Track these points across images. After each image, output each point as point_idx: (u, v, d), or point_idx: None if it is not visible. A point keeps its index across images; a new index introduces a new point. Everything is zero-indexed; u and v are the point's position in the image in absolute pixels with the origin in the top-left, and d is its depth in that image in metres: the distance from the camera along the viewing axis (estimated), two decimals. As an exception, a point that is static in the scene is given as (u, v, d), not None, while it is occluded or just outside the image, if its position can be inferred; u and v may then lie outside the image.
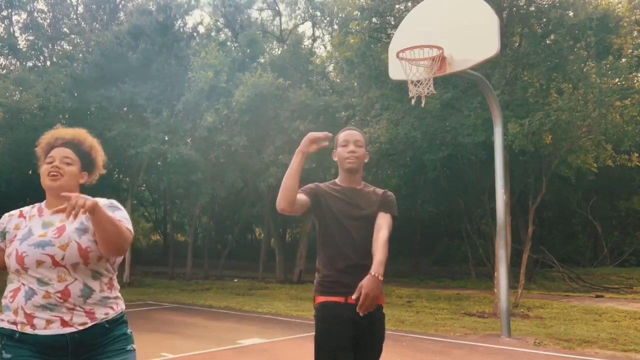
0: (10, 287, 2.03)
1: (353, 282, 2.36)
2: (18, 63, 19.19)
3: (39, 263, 1.96)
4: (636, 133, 10.86)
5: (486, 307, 10.69)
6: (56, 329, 1.93)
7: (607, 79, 10.22)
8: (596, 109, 9.88)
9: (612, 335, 7.75)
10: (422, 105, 7.50)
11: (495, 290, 9.17)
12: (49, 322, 1.93)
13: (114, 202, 2.22)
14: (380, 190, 2.74)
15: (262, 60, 17.73)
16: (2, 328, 1.98)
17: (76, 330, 1.95)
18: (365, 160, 2.70)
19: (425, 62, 7.19)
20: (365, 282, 2.28)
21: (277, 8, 21.33)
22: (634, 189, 20.47)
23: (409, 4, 11.01)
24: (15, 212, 2.22)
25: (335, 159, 2.72)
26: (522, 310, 10.19)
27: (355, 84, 13.29)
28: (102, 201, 2.15)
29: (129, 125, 15.25)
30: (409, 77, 7.25)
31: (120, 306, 2.12)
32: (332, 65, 16.54)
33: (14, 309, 1.96)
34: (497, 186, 7.88)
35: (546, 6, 10.43)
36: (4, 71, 19.01)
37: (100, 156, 2.32)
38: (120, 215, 2.12)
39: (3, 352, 1.95)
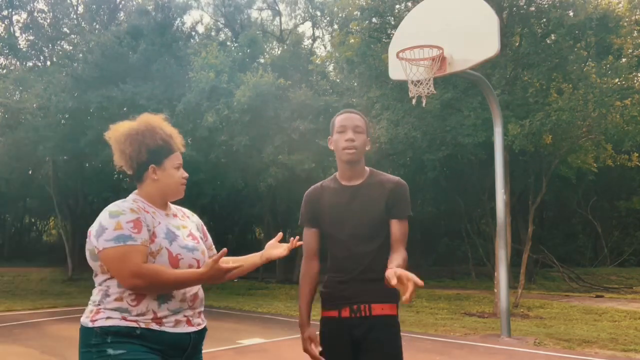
0: (130, 290, 1.87)
1: (351, 295, 2.19)
2: (18, 63, 19.20)
3: (189, 266, 1.94)
4: (637, 133, 10.86)
5: (486, 307, 10.69)
6: (182, 328, 1.92)
7: (607, 78, 10.21)
8: (596, 109, 9.88)
9: (612, 335, 7.76)
10: (423, 105, 7.50)
11: (495, 290, 9.17)
12: (177, 322, 1.91)
13: (199, 221, 2.22)
14: (389, 182, 2.30)
15: (262, 60, 17.74)
16: (112, 326, 1.84)
17: (195, 330, 1.96)
18: (367, 148, 2.30)
19: (425, 62, 7.19)
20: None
21: (277, 8, 21.35)
22: (634, 189, 20.48)
23: (409, 4, 11.01)
24: (133, 205, 1.94)
25: (332, 148, 2.31)
26: (522, 310, 10.20)
27: (355, 84, 13.30)
28: (195, 215, 2.21)
29: (129, 125, 15.23)
30: (409, 77, 7.25)
31: None
32: (332, 65, 16.55)
33: (138, 312, 1.86)
34: (497, 186, 7.88)
35: (546, 6, 10.43)
36: (4, 71, 19.02)
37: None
38: (210, 240, 2.22)
39: (110, 349, 1.81)
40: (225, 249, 1.85)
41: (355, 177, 2.28)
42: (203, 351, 2.08)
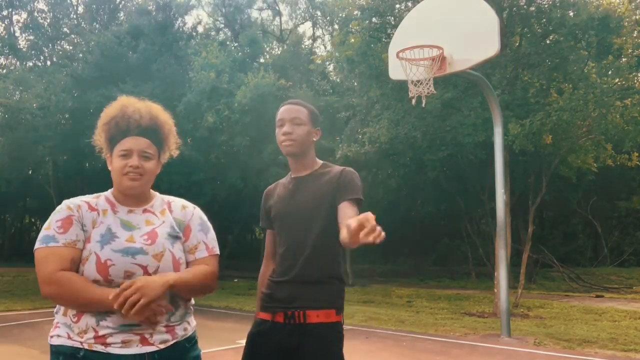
0: None
1: (286, 298, 2.04)
2: (18, 63, 19.20)
3: (128, 275, 1.63)
4: (637, 133, 10.85)
5: (486, 307, 10.69)
6: (135, 349, 1.62)
7: (607, 78, 10.21)
8: (596, 108, 9.88)
9: (612, 335, 7.75)
10: (423, 105, 7.50)
11: (495, 290, 9.17)
12: (125, 342, 1.62)
13: (202, 215, 1.90)
14: (336, 171, 2.16)
15: (262, 61, 17.74)
16: (61, 345, 1.66)
17: (157, 349, 1.65)
18: (314, 139, 2.23)
19: (425, 62, 7.19)
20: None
21: (277, 8, 21.36)
22: (634, 189, 20.48)
23: (409, 3, 11.01)
24: (80, 201, 1.74)
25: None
26: (522, 310, 10.19)
27: (356, 84, 13.30)
28: (189, 209, 1.87)
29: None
30: (409, 77, 7.25)
31: (193, 322, 1.83)
32: (332, 65, 16.55)
33: (80, 329, 1.63)
34: (497, 186, 7.88)
35: (546, 6, 10.43)
36: (4, 71, 19.01)
37: (174, 139, 1.90)
38: (211, 237, 1.85)
39: None
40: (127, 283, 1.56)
41: (303, 169, 2.20)
42: (204, 351, 1.89)
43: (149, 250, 1.68)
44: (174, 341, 1.70)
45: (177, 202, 1.89)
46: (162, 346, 1.67)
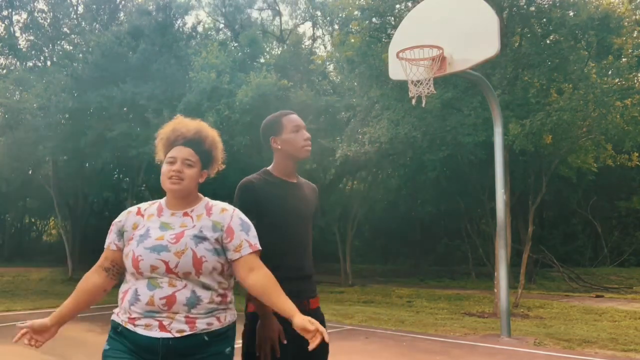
0: (123, 287, 2.02)
1: (297, 291, 2.20)
2: (18, 63, 19.19)
3: (153, 268, 1.92)
4: (637, 133, 10.85)
5: (486, 307, 10.69)
6: (154, 332, 1.89)
7: (607, 79, 10.21)
8: (596, 109, 9.88)
9: (612, 335, 7.76)
10: (423, 105, 7.51)
11: (495, 290, 9.17)
12: (147, 325, 1.90)
13: (242, 216, 2.07)
14: (311, 188, 2.51)
15: (262, 61, 17.73)
16: (113, 320, 2.02)
17: (172, 336, 1.88)
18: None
19: (425, 62, 7.19)
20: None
21: (277, 8, 21.35)
22: (634, 189, 20.47)
23: (409, 4, 11.01)
24: (134, 209, 2.11)
25: (278, 147, 2.40)
26: (522, 310, 10.20)
27: (356, 84, 13.30)
28: (228, 212, 2.05)
29: (130, 125, 15.26)
30: (409, 77, 7.26)
31: (228, 319, 2.03)
32: (332, 65, 16.55)
33: (122, 309, 1.98)
34: (497, 186, 7.88)
35: (546, 6, 10.43)
36: (4, 71, 19.01)
37: (220, 151, 2.24)
38: (252, 235, 2.05)
39: (106, 343, 2.00)
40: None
41: (293, 175, 2.43)
42: None
43: (171, 248, 1.93)
44: (191, 332, 1.90)
45: (218, 206, 2.11)
46: (178, 335, 1.89)
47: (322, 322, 2.31)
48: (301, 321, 1.85)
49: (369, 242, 26.08)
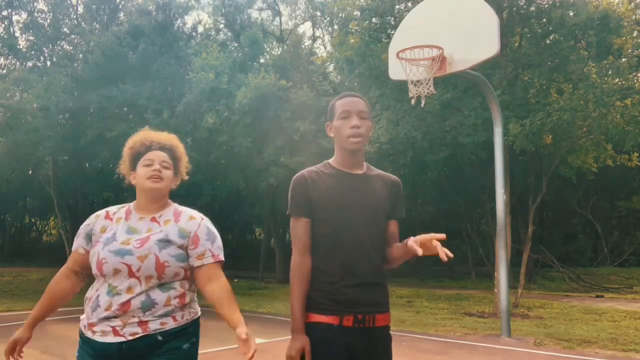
0: (88, 294, 2.06)
1: (357, 302, 1.97)
2: (18, 63, 19.19)
3: (116, 271, 1.97)
4: (637, 133, 10.85)
5: (486, 307, 10.69)
6: (109, 338, 1.95)
7: (607, 79, 10.21)
8: (596, 109, 9.88)
9: (612, 335, 7.76)
10: (422, 105, 7.50)
11: (495, 290, 9.17)
12: (104, 332, 1.96)
13: (210, 226, 2.13)
14: (389, 178, 2.15)
15: (262, 61, 17.73)
16: (80, 328, 2.08)
17: (125, 340, 1.94)
18: (370, 134, 2.10)
19: (425, 62, 7.19)
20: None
21: (277, 8, 21.35)
22: (634, 189, 20.47)
23: (409, 4, 11.02)
24: (102, 212, 2.17)
25: (331, 135, 2.08)
26: (522, 310, 10.19)
27: (356, 84, 13.29)
28: (196, 220, 2.10)
29: (130, 125, 15.25)
30: (409, 77, 7.25)
31: (186, 317, 2.06)
32: (332, 65, 16.55)
33: (84, 316, 2.04)
34: (497, 186, 7.88)
35: (546, 6, 10.43)
36: (4, 71, 19.00)
37: (185, 164, 2.25)
38: (217, 246, 2.11)
39: (78, 352, 2.07)
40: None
41: (357, 166, 2.08)
42: (204, 351, 2.05)
43: (135, 252, 1.97)
44: (144, 334, 1.95)
45: (187, 213, 2.14)
46: (131, 337, 1.94)
47: (385, 344, 2.03)
48: (239, 332, 1.93)
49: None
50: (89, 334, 1.98)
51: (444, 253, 1.75)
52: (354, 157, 2.06)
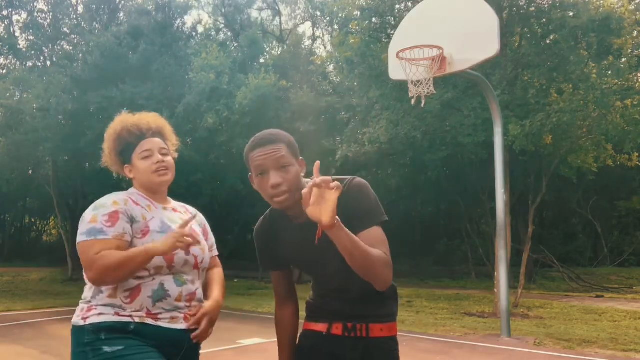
0: (123, 286, 1.79)
1: (345, 310, 1.80)
2: (18, 63, 19.20)
3: (185, 262, 1.87)
4: (637, 134, 10.85)
5: (486, 307, 10.69)
6: (179, 324, 1.85)
7: (607, 79, 10.21)
8: (597, 109, 9.88)
9: (612, 335, 7.76)
10: (422, 105, 7.51)
11: (495, 290, 9.17)
12: (174, 318, 1.84)
13: (203, 219, 2.13)
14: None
15: (262, 61, 17.73)
16: (104, 322, 1.77)
17: (189, 327, 1.90)
18: (302, 174, 1.73)
19: (425, 62, 7.19)
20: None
21: (277, 8, 21.34)
22: (634, 189, 20.47)
23: (409, 4, 11.01)
24: (124, 197, 1.90)
25: (255, 188, 1.73)
26: (522, 310, 10.19)
27: (356, 84, 13.30)
28: (199, 213, 2.09)
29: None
30: (409, 77, 7.25)
31: None
32: (332, 65, 16.56)
33: (133, 308, 1.79)
34: (497, 186, 7.88)
35: (546, 6, 10.43)
36: (4, 71, 19.01)
37: (174, 141, 2.13)
38: (212, 240, 2.11)
39: (105, 347, 1.74)
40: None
41: (299, 214, 1.69)
42: (203, 351, 2.03)
43: (198, 243, 1.93)
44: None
45: (189, 207, 2.12)
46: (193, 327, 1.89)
47: (385, 358, 1.84)
48: (205, 304, 1.93)
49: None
50: (149, 321, 1.78)
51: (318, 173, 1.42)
52: (292, 209, 1.71)
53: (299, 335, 1.92)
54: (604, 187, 19.99)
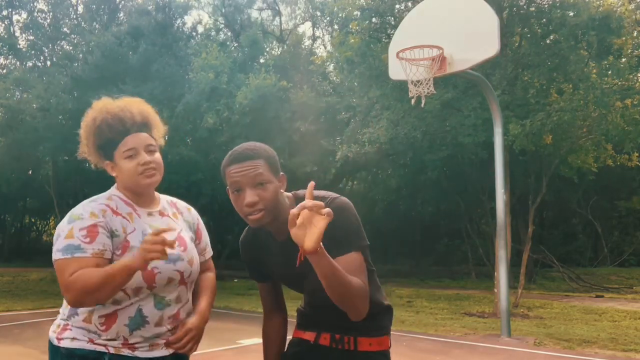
0: (99, 312, 1.62)
1: (334, 320, 1.72)
2: (18, 63, 19.20)
3: (169, 281, 1.66)
4: (637, 134, 10.84)
5: (486, 307, 10.69)
6: (159, 351, 1.67)
7: (607, 79, 10.21)
8: (597, 109, 9.87)
9: (612, 335, 7.76)
10: (422, 105, 7.51)
11: (495, 290, 9.17)
12: (153, 345, 1.66)
13: (196, 217, 1.91)
14: None
15: (262, 61, 17.73)
16: (79, 349, 1.63)
17: (170, 352, 1.72)
18: (282, 189, 1.68)
19: (425, 62, 7.19)
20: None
21: (277, 8, 21.33)
22: (634, 189, 20.47)
23: (409, 4, 11.02)
24: (101, 207, 1.67)
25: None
26: (522, 310, 10.19)
27: (356, 84, 13.29)
28: (193, 211, 1.90)
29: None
30: (409, 77, 7.26)
31: None
32: (332, 65, 16.55)
33: (108, 336, 1.63)
34: (497, 186, 7.88)
35: (546, 6, 10.42)
36: (4, 71, 19.01)
37: (161, 130, 1.88)
38: (208, 238, 1.92)
39: None
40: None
41: (284, 230, 1.57)
42: (203, 351, 2.01)
43: (184, 256, 1.71)
44: None
45: (180, 202, 1.90)
46: (173, 351, 1.72)
47: None
48: (189, 320, 1.72)
49: (369, 242, 26.07)
50: (123, 352, 1.61)
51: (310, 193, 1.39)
52: (272, 225, 1.65)
53: (287, 343, 1.89)
54: (604, 187, 19.98)
